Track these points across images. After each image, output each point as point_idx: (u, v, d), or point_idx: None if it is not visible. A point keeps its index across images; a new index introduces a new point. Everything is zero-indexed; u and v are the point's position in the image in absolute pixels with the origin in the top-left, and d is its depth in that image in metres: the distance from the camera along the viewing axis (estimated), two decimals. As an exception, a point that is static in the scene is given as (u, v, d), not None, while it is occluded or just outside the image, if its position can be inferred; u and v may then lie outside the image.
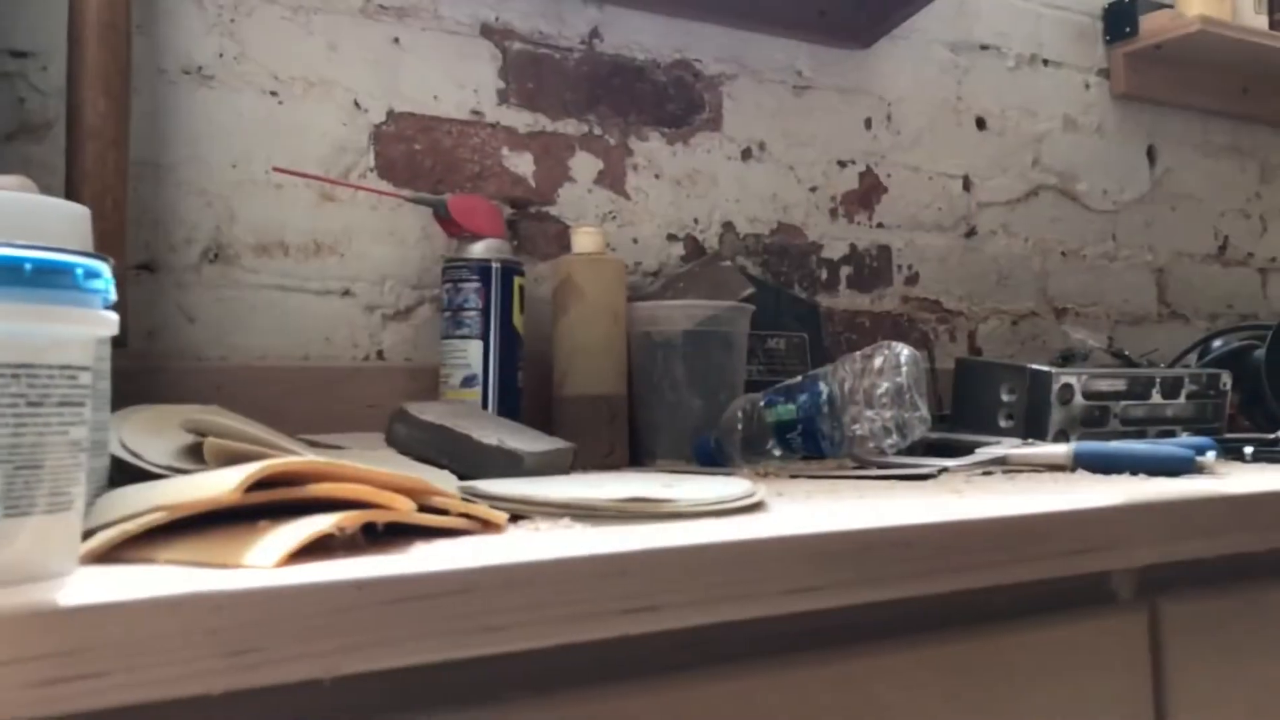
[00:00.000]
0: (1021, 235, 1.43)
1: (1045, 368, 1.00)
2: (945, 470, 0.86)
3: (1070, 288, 1.47)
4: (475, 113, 1.06)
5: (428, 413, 0.72)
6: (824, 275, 1.27)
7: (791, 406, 0.93)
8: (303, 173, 0.93)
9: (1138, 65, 1.54)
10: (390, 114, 1.01)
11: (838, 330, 1.28)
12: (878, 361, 0.92)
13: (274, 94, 0.96)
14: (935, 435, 1.04)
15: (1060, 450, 0.85)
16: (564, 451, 0.74)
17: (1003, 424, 1.05)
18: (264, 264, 0.95)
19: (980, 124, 1.41)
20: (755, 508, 0.60)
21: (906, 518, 0.56)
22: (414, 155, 1.02)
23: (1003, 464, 0.88)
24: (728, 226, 1.21)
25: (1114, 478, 0.80)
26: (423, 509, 0.51)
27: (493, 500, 0.57)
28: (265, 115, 0.96)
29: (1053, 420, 0.99)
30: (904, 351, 0.91)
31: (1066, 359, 1.29)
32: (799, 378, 0.95)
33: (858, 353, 0.93)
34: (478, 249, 0.95)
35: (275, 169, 0.92)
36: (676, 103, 1.18)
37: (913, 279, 1.34)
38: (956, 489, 0.72)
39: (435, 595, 0.43)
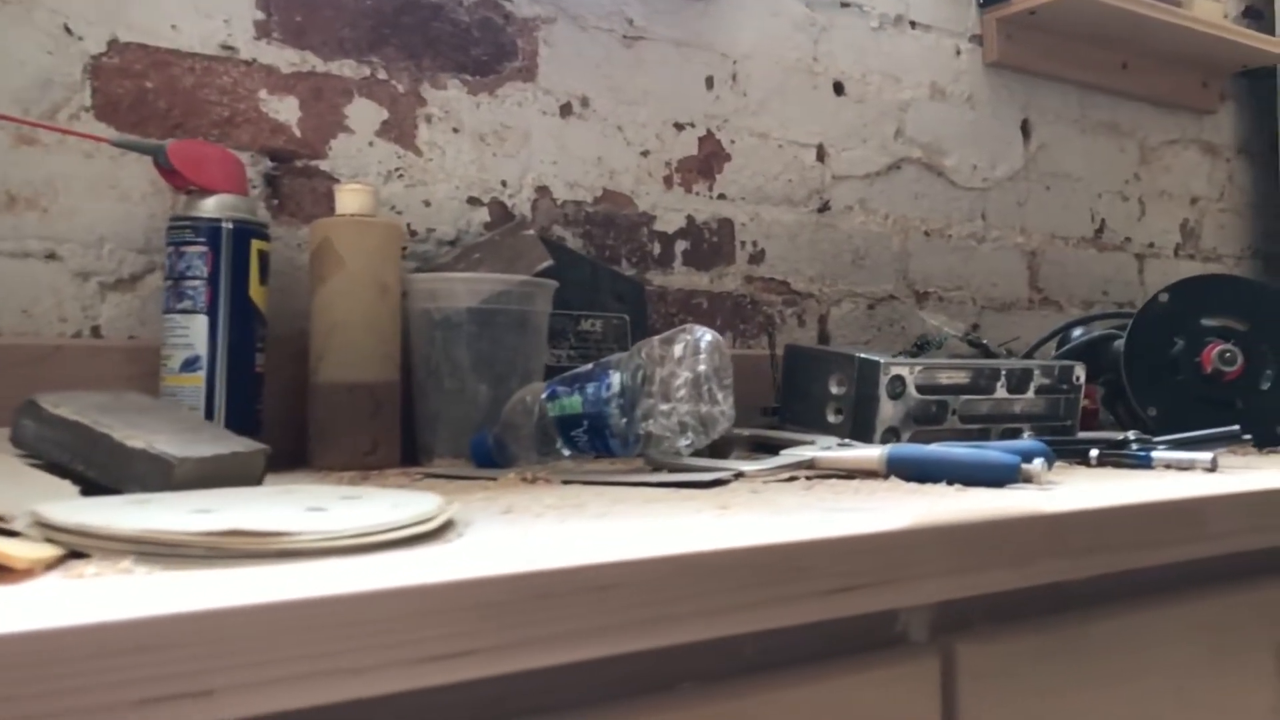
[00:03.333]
0: (881, 212, 1.32)
1: (874, 357, 0.88)
2: (741, 475, 0.74)
3: (934, 270, 1.37)
4: (226, 48, 0.90)
5: (65, 405, 0.57)
6: (656, 250, 1.14)
7: (576, 399, 0.80)
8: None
9: (1012, 32, 1.43)
10: (113, 44, 0.85)
11: (671, 311, 1.15)
12: (677, 349, 0.79)
13: (-45, 11, 0.79)
14: (748, 431, 0.92)
15: (873, 454, 0.74)
16: (246, 456, 0.60)
17: (832, 419, 0.93)
18: (-62, 218, 0.78)
19: (838, 89, 1.29)
20: (426, 538, 0.46)
21: (608, 553, 0.43)
22: (144, 95, 0.86)
23: (810, 468, 0.76)
24: (542, 191, 1.06)
25: (929, 487, 0.68)
26: (-98, 548, 0.36)
27: (52, 531, 0.42)
28: (-56, 37, 0.79)
29: (881, 416, 0.88)
30: (705, 337, 0.78)
31: (921, 347, 1.18)
32: (589, 365, 0.82)
33: (656, 338, 0.80)
34: (208, 206, 0.80)
35: (-70, 99, 0.75)
36: (482, 47, 1.03)
37: (758, 257, 1.21)
38: (725, 504, 0.59)
39: None
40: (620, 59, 1.12)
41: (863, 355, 0.89)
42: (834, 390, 0.93)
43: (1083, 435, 0.97)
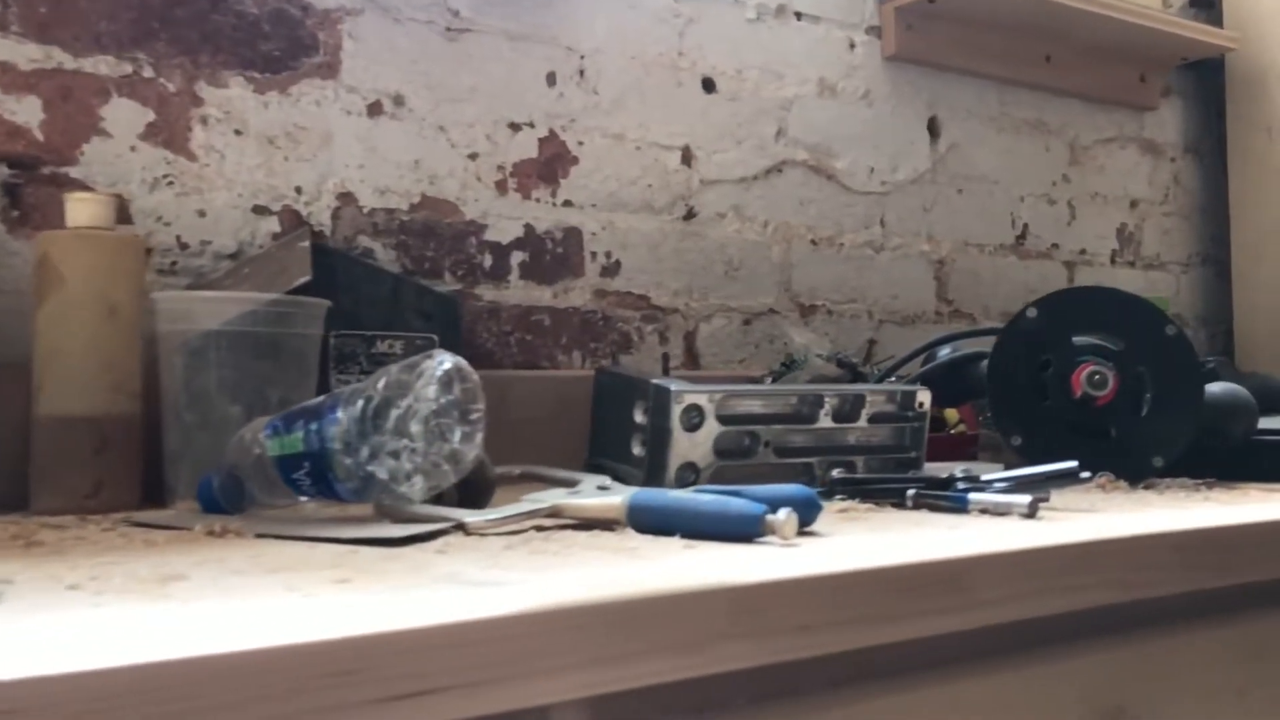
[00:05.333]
0: (759, 219, 1.21)
1: (668, 384, 0.77)
2: (462, 527, 0.64)
3: (822, 281, 1.26)
4: (-49, 42, 0.81)
5: None
6: (488, 262, 1.04)
7: (298, 436, 0.70)
8: None
9: (912, 22, 1.32)
10: None
11: (506, 330, 1.05)
12: (418, 379, 0.69)
13: None
14: (519, 469, 0.82)
15: (615, 502, 0.63)
16: None
17: (637, 451, 0.82)
18: None
19: (708, 85, 1.19)
20: None
21: (25, 666, 0.33)
22: None
23: (552, 516, 0.66)
24: (346, 198, 0.97)
25: (658, 542, 0.58)
26: None
27: None
28: None
29: (676, 451, 0.77)
30: (444, 364, 0.69)
31: (788, 367, 1.08)
32: (322, 397, 0.72)
33: (396, 365, 0.70)
34: (-110, 219, 0.71)
35: None
36: (274, 42, 0.94)
37: (612, 269, 1.11)
38: (347, 577, 0.49)
39: None
40: (441, 53, 1.02)
41: (657, 382, 0.78)
42: (638, 419, 0.82)
43: (928, 469, 0.86)
